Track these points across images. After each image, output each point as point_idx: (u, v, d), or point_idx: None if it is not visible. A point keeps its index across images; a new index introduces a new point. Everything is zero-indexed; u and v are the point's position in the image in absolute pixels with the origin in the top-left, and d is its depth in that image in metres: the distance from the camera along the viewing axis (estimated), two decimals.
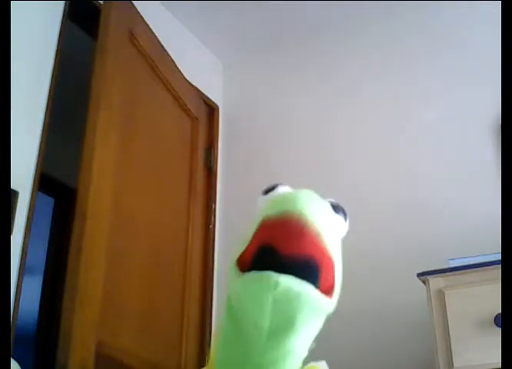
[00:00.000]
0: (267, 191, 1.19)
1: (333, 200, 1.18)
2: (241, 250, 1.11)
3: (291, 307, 1.04)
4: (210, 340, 2.76)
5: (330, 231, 1.10)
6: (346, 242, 1.20)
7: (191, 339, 2.64)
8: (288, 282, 1.02)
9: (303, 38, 3.28)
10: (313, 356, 1.15)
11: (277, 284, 1.01)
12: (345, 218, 1.18)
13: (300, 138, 3.12)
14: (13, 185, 2.02)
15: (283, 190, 1.18)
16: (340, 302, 1.15)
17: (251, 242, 1.09)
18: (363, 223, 2.72)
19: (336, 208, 1.17)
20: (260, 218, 1.10)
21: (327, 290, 1.08)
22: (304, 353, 1.13)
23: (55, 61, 2.37)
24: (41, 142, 2.23)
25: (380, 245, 2.68)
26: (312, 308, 1.06)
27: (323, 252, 1.07)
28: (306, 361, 1.15)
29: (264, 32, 3.29)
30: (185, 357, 2.55)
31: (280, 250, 1.04)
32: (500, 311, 1.81)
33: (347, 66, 3.16)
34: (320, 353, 1.16)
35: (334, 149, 3.02)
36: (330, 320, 1.17)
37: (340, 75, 3.16)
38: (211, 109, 3.30)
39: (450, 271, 2.02)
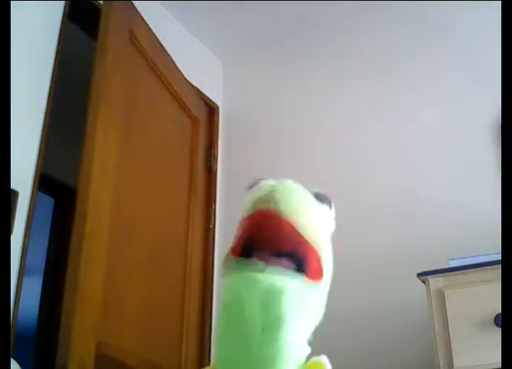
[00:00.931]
0: (251, 187, 1.21)
1: (317, 189, 1.19)
2: (229, 250, 1.15)
3: (277, 301, 1.07)
4: (210, 340, 2.76)
5: (309, 220, 1.13)
6: (346, 242, 1.21)
7: (191, 339, 2.64)
8: (269, 278, 1.05)
9: (303, 37, 3.28)
10: (313, 355, 1.16)
11: (258, 281, 1.05)
12: (330, 206, 1.20)
13: (301, 138, 3.12)
14: (13, 185, 2.02)
15: (265, 183, 1.20)
16: (340, 302, 1.16)
17: (236, 240, 1.14)
18: (363, 223, 2.72)
19: (319, 197, 1.18)
20: (242, 217, 1.16)
21: (316, 276, 1.11)
22: (305, 347, 1.14)
23: (55, 61, 2.37)
24: (41, 142, 2.23)
25: (380, 245, 2.67)
26: (299, 299, 1.08)
27: (303, 243, 1.10)
28: (308, 358, 1.16)
29: (264, 32, 3.29)
30: (185, 357, 2.55)
31: (261, 246, 1.08)
32: (500, 311, 1.81)
33: (347, 66, 3.16)
34: (320, 353, 1.16)
35: (334, 149, 3.02)
36: (330, 319, 1.17)
37: (340, 75, 3.16)
38: (211, 109, 3.30)
39: (450, 271, 2.01)
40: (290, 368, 1.11)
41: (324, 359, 1.16)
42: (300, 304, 1.09)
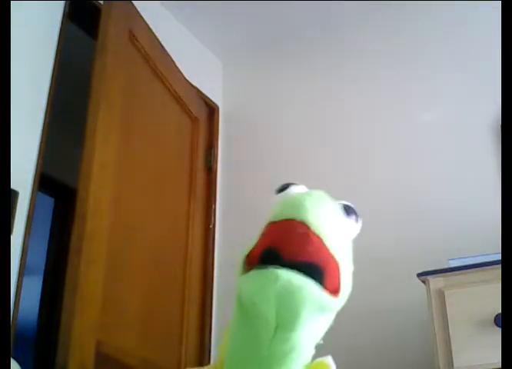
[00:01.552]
0: (281, 190, 1.21)
1: (345, 202, 1.19)
2: (249, 249, 1.13)
3: (294, 301, 1.05)
4: (210, 340, 2.76)
5: (335, 235, 1.11)
6: None
7: (191, 339, 2.64)
8: (289, 276, 1.04)
9: (303, 38, 3.28)
10: (314, 355, 1.16)
11: (278, 278, 1.03)
12: (357, 220, 1.20)
13: (300, 138, 3.12)
14: (13, 185, 2.02)
15: (296, 189, 1.20)
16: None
17: (258, 243, 1.11)
18: (363, 223, 2.72)
19: (347, 210, 1.18)
20: (268, 220, 1.12)
21: (333, 290, 1.10)
22: (312, 349, 1.14)
23: (55, 61, 2.37)
24: (41, 142, 2.23)
25: (381, 245, 2.67)
26: (315, 303, 1.07)
27: (327, 257, 1.09)
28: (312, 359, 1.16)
29: (265, 32, 3.29)
30: (185, 357, 2.55)
31: (284, 254, 1.05)
32: (500, 311, 1.81)
33: (347, 66, 3.16)
34: (321, 352, 1.16)
35: (333, 149, 3.02)
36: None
37: (340, 75, 3.16)
38: (211, 109, 3.30)
39: (450, 271, 2.01)
40: None
41: (329, 360, 1.16)
42: (317, 307, 1.09)
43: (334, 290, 1.10)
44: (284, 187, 1.21)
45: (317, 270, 1.07)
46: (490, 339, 1.82)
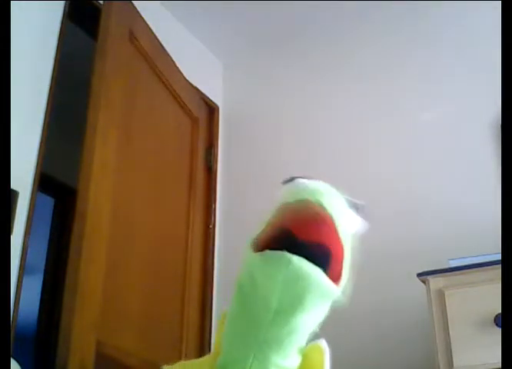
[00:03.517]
0: (287, 182, 1.23)
1: (348, 197, 1.22)
2: (261, 230, 1.15)
3: (301, 286, 1.08)
4: (210, 340, 2.76)
5: (345, 222, 1.15)
6: None
7: (191, 339, 2.64)
8: (300, 262, 1.06)
9: (303, 38, 3.28)
10: None
11: (289, 262, 1.06)
12: (364, 218, 1.23)
13: (300, 138, 3.12)
14: (13, 185, 2.02)
15: (303, 181, 1.23)
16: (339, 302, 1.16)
17: (270, 225, 1.14)
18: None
19: (357, 207, 1.22)
20: (281, 204, 1.15)
21: (335, 278, 1.12)
22: (307, 336, 1.15)
23: (55, 61, 2.37)
24: (41, 142, 2.23)
25: (381, 245, 2.67)
26: (320, 290, 1.10)
27: (336, 242, 1.12)
28: None
29: (265, 32, 3.29)
30: (185, 357, 2.55)
31: (297, 234, 1.08)
32: (500, 311, 1.81)
33: (347, 66, 3.16)
34: None
35: (333, 149, 3.02)
36: (329, 319, 1.17)
37: (340, 75, 3.16)
38: (211, 109, 3.30)
39: (450, 271, 2.01)
40: (293, 353, 1.12)
41: (322, 343, 1.18)
42: (319, 295, 1.10)
43: (337, 278, 1.13)
44: (290, 179, 1.24)
45: (326, 253, 1.09)
46: (490, 339, 1.82)
